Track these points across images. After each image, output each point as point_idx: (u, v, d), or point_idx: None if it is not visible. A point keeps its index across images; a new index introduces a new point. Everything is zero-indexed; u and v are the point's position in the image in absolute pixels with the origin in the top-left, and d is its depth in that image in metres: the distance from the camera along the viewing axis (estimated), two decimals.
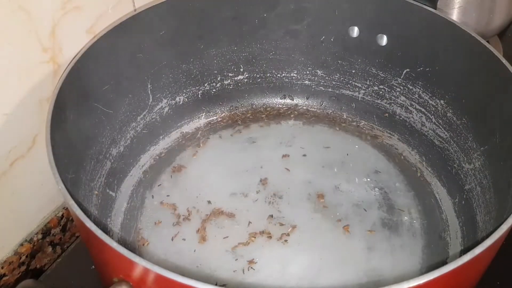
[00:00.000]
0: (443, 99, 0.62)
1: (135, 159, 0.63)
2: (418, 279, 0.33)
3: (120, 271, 0.37)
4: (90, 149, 0.55)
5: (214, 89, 0.70)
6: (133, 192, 0.61)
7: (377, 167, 0.63)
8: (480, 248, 0.36)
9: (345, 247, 0.55)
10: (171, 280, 0.33)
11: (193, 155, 0.65)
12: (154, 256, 0.54)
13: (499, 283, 0.54)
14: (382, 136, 0.68)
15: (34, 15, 0.49)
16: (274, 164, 0.63)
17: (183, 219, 0.58)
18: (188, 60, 0.66)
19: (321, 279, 0.52)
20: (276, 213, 0.58)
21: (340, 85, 0.71)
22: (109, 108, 0.58)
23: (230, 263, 0.53)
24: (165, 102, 0.66)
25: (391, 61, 0.65)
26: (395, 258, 0.54)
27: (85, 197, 0.52)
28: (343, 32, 0.67)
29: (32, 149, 0.54)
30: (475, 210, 0.56)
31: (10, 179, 0.53)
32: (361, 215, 0.58)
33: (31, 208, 0.57)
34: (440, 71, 0.61)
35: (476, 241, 0.53)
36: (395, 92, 0.67)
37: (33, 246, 0.57)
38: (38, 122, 0.53)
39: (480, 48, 0.54)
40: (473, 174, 0.57)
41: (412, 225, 0.57)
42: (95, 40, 0.54)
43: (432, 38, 0.60)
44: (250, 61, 0.70)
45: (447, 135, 0.62)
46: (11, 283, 0.55)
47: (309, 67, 0.71)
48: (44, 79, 0.53)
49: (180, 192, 0.60)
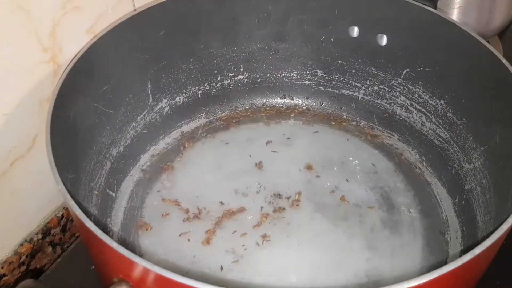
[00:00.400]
0: (443, 99, 0.62)
1: (135, 159, 0.63)
2: (418, 279, 0.34)
3: (120, 271, 0.37)
4: (90, 149, 0.55)
5: (214, 89, 0.70)
6: (133, 192, 0.61)
7: (377, 167, 0.64)
8: (480, 248, 0.36)
9: (345, 247, 0.55)
10: (171, 280, 0.33)
11: (193, 155, 0.65)
12: (154, 256, 0.54)
13: (499, 283, 0.54)
14: (382, 136, 0.68)
15: (34, 15, 0.49)
16: (274, 164, 0.63)
17: (184, 220, 0.58)
18: (188, 60, 0.66)
19: (321, 279, 0.52)
20: (276, 212, 0.58)
21: (340, 85, 0.71)
22: (109, 108, 0.58)
23: (230, 263, 0.53)
24: (165, 102, 0.66)
25: (391, 61, 0.65)
26: (395, 258, 0.54)
27: (85, 197, 0.52)
28: (343, 32, 0.67)
29: (32, 149, 0.54)
30: (475, 210, 0.56)
31: (10, 179, 0.53)
32: (361, 215, 0.58)
33: (31, 208, 0.57)
34: (440, 71, 0.61)
35: (476, 241, 0.53)
36: (395, 92, 0.67)
37: (33, 246, 0.57)
38: (38, 122, 0.53)
39: (480, 48, 0.54)
40: (473, 174, 0.57)
41: (412, 225, 0.57)
42: (95, 40, 0.54)
43: (432, 38, 0.60)
44: (250, 61, 0.70)
45: (447, 135, 0.62)
46: (11, 283, 0.55)
47: (309, 67, 0.71)
48: (44, 79, 0.53)
49: (180, 192, 0.60)
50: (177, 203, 0.59)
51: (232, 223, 0.57)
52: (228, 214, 0.58)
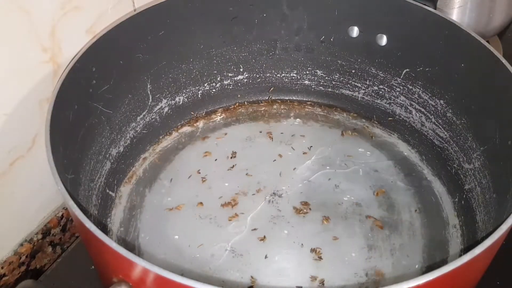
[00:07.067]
0: (442, 99, 0.62)
1: (135, 159, 0.64)
2: (418, 279, 0.33)
3: (120, 272, 0.37)
4: (90, 149, 0.55)
5: (214, 89, 0.70)
6: (133, 192, 0.61)
7: (377, 166, 0.64)
8: (480, 248, 0.36)
9: (345, 246, 0.55)
10: (170, 280, 0.33)
11: (193, 154, 0.65)
12: (153, 256, 0.54)
13: (499, 283, 0.54)
14: (382, 135, 0.68)
15: (34, 15, 0.49)
16: (274, 163, 0.63)
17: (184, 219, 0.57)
18: (188, 60, 0.66)
19: (321, 278, 0.52)
20: (276, 212, 0.58)
21: (340, 85, 0.71)
22: (109, 108, 0.58)
23: (230, 263, 0.53)
24: (165, 102, 0.66)
25: (391, 61, 0.65)
26: (395, 258, 0.54)
27: (84, 197, 0.52)
28: (343, 32, 0.67)
29: (32, 149, 0.54)
30: (475, 210, 0.56)
31: (10, 179, 0.53)
32: (361, 214, 0.58)
33: (31, 208, 0.57)
34: (440, 71, 0.61)
35: (476, 241, 0.53)
36: (394, 92, 0.67)
37: (33, 246, 0.57)
38: (38, 122, 0.53)
39: (480, 48, 0.54)
40: (472, 174, 0.57)
41: (412, 224, 0.57)
42: (95, 40, 0.54)
43: (432, 38, 0.60)
44: (250, 61, 0.70)
45: (447, 135, 0.62)
46: (11, 283, 0.55)
47: (309, 67, 0.71)
48: (44, 79, 0.53)
49: (180, 192, 0.60)
50: (177, 203, 0.59)
51: (232, 223, 0.57)
52: (228, 213, 0.58)
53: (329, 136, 0.68)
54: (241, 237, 0.56)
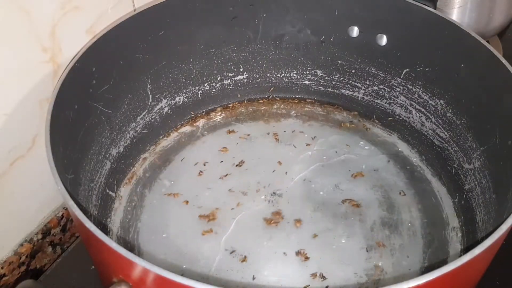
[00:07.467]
0: (442, 99, 0.62)
1: (135, 159, 0.64)
2: (418, 279, 0.33)
3: (120, 272, 0.37)
4: (90, 149, 0.55)
5: (214, 89, 0.70)
6: (133, 192, 0.61)
7: (377, 166, 0.64)
8: (480, 248, 0.36)
9: (345, 247, 0.55)
10: (170, 281, 0.33)
11: (193, 154, 0.65)
12: (153, 256, 0.54)
13: (499, 283, 0.54)
14: (382, 135, 0.68)
15: (34, 15, 0.49)
16: (274, 163, 0.63)
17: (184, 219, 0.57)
18: (188, 60, 0.66)
19: (321, 278, 0.52)
20: (276, 211, 0.58)
21: (340, 85, 0.71)
22: (109, 108, 0.58)
23: (229, 263, 0.53)
24: (165, 102, 0.66)
25: (391, 61, 0.65)
26: (395, 258, 0.54)
27: (84, 197, 0.52)
28: (343, 32, 0.67)
29: (32, 149, 0.54)
30: (475, 210, 0.56)
31: (10, 179, 0.53)
32: (361, 214, 0.58)
33: (31, 208, 0.57)
34: (440, 71, 0.61)
35: (476, 241, 0.53)
36: (394, 92, 0.67)
37: (33, 246, 0.57)
38: (38, 122, 0.53)
39: (480, 48, 0.54)
40: (472, 174, 0.57)
41: (412, 224, 0.57)
42: (95, 40, 0.54)
43: (432, 38, 0.60)
44: (250, 61, 0.70)
45: (447, 135, 0.62)
46: (11, 283, 0.55)
47: (309, 67, 0.71)
48: (44, 79, 0.53)
49: (180, 192, 0.60)
50: (176, 203, 0.59)
51: (232, 223, 0.57)
52: (228, 213, 0.58)
53: (329, 136, 0.67)
54: (241, 237, 0.56)
